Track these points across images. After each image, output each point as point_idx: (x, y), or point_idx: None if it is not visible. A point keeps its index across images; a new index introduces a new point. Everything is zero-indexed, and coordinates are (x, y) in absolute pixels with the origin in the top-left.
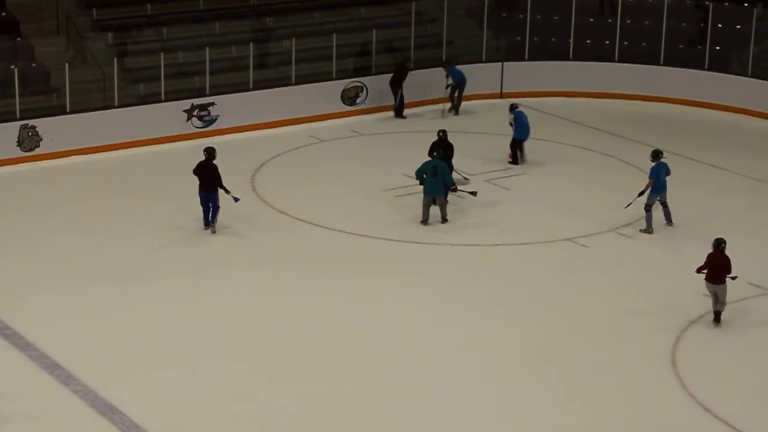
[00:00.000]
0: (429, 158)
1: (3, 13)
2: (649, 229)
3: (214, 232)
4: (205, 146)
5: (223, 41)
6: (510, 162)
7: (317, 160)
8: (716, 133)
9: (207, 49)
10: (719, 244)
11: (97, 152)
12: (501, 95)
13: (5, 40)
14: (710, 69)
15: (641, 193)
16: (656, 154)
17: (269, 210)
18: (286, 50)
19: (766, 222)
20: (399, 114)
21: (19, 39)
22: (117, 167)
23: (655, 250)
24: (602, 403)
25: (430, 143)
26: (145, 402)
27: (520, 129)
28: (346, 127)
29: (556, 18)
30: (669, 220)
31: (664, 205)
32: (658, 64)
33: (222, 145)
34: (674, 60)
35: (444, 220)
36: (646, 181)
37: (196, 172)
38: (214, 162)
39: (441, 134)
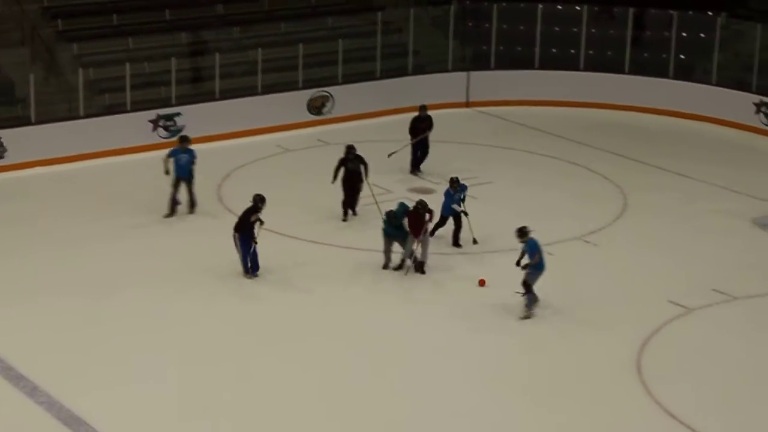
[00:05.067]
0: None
1: None
2: (531, 313)
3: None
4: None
5: (189, 51)
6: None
7: (284, 169)
8: (681, 141)
9: (173, 59)
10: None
11: (62, 163)
12: (467, 104)
13: None
14: (675, 77)
15: (524, 267)
16: (525, 232)
17: (235, 220)
18: (252, 60)
19: (730, 229)
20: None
21: None
22: (82, 178)
23: (619, 259)
24: (568, 411)
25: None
26: (110, 414)
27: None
28: (313, 137)
29: (522, 27)
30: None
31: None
32: (623, 72)
33: None
34: (639, 68)
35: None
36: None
37: None
38: (255, 211)
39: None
